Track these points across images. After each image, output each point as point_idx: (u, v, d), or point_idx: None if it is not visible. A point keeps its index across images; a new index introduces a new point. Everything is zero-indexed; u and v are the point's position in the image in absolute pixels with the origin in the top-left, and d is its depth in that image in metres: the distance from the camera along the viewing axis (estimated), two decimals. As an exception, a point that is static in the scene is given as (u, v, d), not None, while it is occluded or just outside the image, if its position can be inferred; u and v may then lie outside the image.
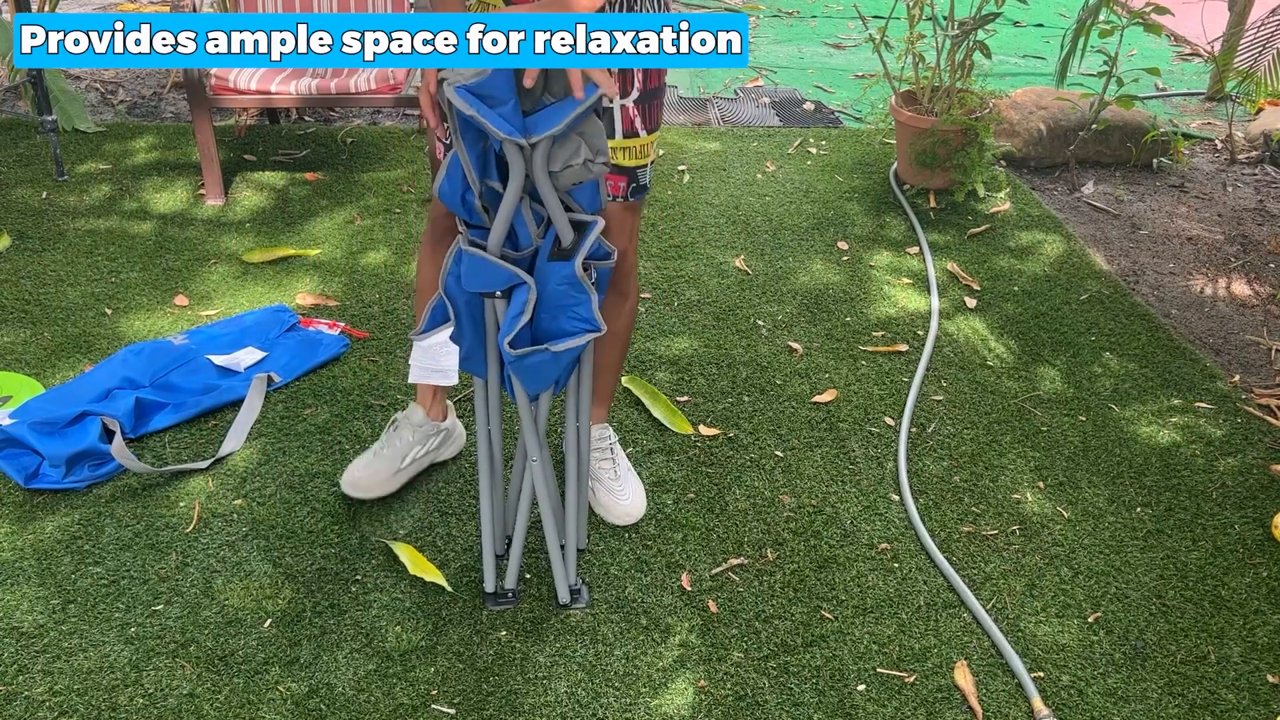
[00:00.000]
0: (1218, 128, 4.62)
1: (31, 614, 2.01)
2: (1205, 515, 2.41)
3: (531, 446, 1.92)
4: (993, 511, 2.38)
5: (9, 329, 2.83)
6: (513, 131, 1.60)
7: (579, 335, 1.77)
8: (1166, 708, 1.95)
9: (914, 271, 3.35)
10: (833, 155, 4.18)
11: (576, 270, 1.72)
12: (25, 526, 2.20)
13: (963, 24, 3.65)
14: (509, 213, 1.68)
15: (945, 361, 2.90)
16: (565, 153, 1.65)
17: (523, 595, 2.10)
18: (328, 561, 2.16)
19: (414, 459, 2.31)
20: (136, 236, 3.32)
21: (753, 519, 2.33)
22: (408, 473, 2.32)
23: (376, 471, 2.28)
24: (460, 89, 1.59)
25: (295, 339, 2.77)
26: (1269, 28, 3.92)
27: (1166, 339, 3.06)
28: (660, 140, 4.24)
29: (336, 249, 3.30)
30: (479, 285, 1.74)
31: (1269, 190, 4.11)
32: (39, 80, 3.49)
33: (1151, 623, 2.13)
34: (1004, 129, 4.16)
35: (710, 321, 3.02)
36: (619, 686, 1.93)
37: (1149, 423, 2.70)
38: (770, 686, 1.95)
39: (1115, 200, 3.95)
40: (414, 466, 2.33)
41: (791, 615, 2.10)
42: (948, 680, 1.98)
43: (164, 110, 4.33)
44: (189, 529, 2.22)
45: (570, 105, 1.62)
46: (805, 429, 2.61)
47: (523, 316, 1.72)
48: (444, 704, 1.88)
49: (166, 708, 1.85)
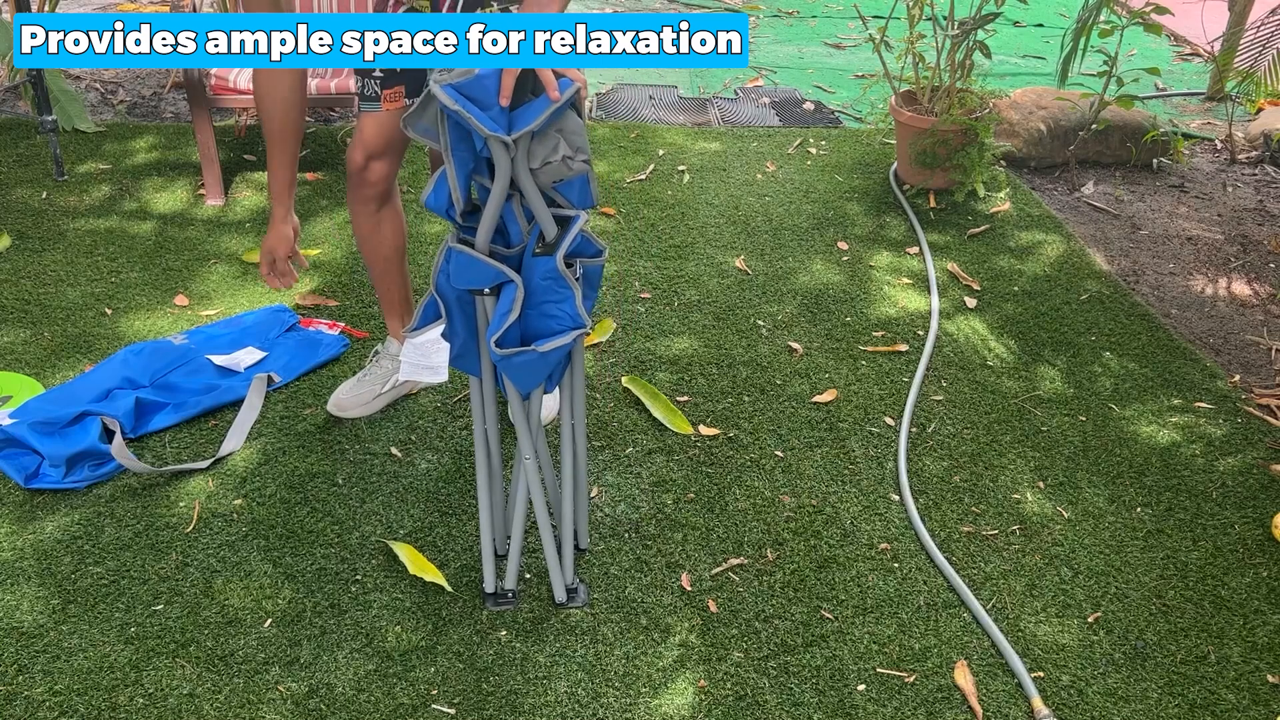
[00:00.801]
0: (1218, 128, 4.62)
1: (31, 614, 2.01)
2: (1205, 515, 2.41)
3: (525, 445, 1.92)
4: (993, 511, 2.38)
5: (9, 329, 2.83)
6: (497, 129, 1.61)
7: (565, 334, 1.78)
8: (1166, 708, 1.95)
9: (914, 271, 3.36)
10: (833, 155, 4.18)
11: (559, 265, 1.72)
12: (25, 526, 2.20)
13: (963, 24, 3.65)
14: (495, 210, 1.70)
15: (945, 361, 2.90)
16: (544, 149, 1.67)
17: (522, 595, 2.10)
18: (328, 561, 2.16)
19: (394, 385, 2.57)
20: (136, 236, 3.32)
21: (753, 519, 2.33)
22: (387, 397, 2.57)
23: (359, 395, 2.54)
24: (448, 88, 1.60)
25: (295, 339, 2.78)
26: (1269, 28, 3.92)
27: (1166, 339, 3.06)
28: (661, 140, 4.24)
29: (336, 249, 3.30)
30: (467, 282, 1.75)
31: (1269, 190, 4.11)
32: (39, 80, 3.49)
33: (1151, 623, 2.13)
34: (1004, 129, 4.16)
35: (710, 321, 3.02)
36: (619, 686, 1.93)
37: (1149, 423, 2.70)
38: (770, 686, 1.95)
39: (1115, 200, 3.95)
40: (394, 392, 2.58)
41: (791, 615, 2.10)
42: (948, 680, 1.98)
43: (164, 110, 4.33)
44: (189, 529, 2.22)
45: (547, 100, 1.63)
46: (805, 429, 2.61)
47: (511, 314, 1.73)
48: (444, 704, 1.88)
49: (166, 708, 1.85)
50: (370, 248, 2.45)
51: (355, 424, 2.54)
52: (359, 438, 2.50)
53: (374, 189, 2.34)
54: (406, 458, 2.45)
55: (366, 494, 2.34)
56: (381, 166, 2.31)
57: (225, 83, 3.39)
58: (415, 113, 1.69)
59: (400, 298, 2.55)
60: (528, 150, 1.66)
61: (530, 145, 1.66)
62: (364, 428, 2.53)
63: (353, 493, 2.34)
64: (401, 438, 2.50)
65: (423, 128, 1.70)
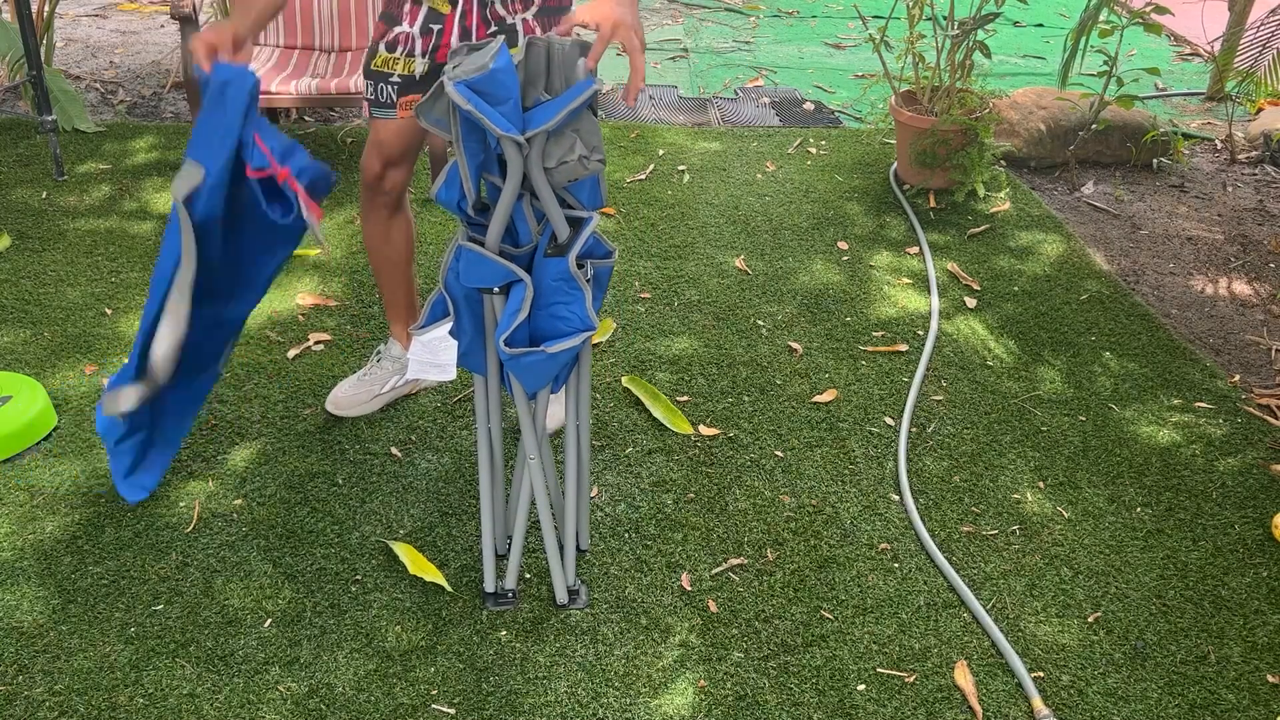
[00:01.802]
0: (1218, 128, 4.62)
1: (31, 614, 2.01)
2: (1205, 515, 2.41)
3: (530, 445, 1.92)
4: (993, 511, 2.38)
5: (9, 329, 2.83)
6: (510, 128, 1.60)
7: (573, 335, 1.77)
8: (1166, 708, 1.95)
9: (914, 271, 3.36)
10: (833, 155, 4.18)
11: (570, 266, 1.72)
12: (25, 526, 2.20)
13: (963, 24, 3.65)
14: (506, 209, 1.69)
15: (945, 361, 2.90)
16: (560, 149, 1.66)
17: (523, 595, 2.10)
18: (328, 561, 2.16)
19: (393, 387, 2.58)
20: (136, 236, 3.32)
21: (753, 519, 2.33)
22: (385, 398, 2.58)
23: (358, 395, 2.54)
24: (460, 84, 1.58)
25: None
26: (1269, 28, 3.92)
27: (1166, 339, 3.06)
28: (661, 140, 4.24)
29: (336, 249, 3.30)
30: (476, 281, 1.75)
31: (1269, 190, 4.11)
32: (39, 80, 3.49)
33: (1151, 623, 2.13)
34: (1004, 129, 4.16)
35: (710, 321, 3.02)
36: (619, 686, 1.93)
37: (1149, 423, 2.70)
38: (770, 686, 1.95)
39: (1115, 200, 3.95)
40: (392, 394, 2.59)
41: (791, 615, 2.10)
42: (948, 680, 1.98)
43: (164, 110, 4.32)
44: (189, 529, 2.22)
45: (564, 100, 1.63)
46: (805, 429, 2.61)
47: (520, 314, 1.72)
48: (444, 704, 1.88)
49: (166, 708, 1.85)
50: (380, 255, 2.44)
51: (355, 424, 2.54)
52: (359, 438, 2.50)
53: (389, 196, 2.34)
54: (406, 458, 2.45)
55: (366, 494, 2.34)
56: (398, 174, 2.31)
57: (225, 83, 3.38)
58: (427, 103, 1.68)
59: (406, 302, 2.55)
60: (542, 149, 1.65)
61: (546, 144, 1.66)
62: (364, 428, 2.53)
63: (353, 493, 2.34)
64: (401, 438, 2.50)
65: (434, 119, 1.70)
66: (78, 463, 2.39)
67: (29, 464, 2.38)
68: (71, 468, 2.37)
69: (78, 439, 2.46)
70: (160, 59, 4.82)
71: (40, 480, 2.33)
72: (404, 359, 2.57)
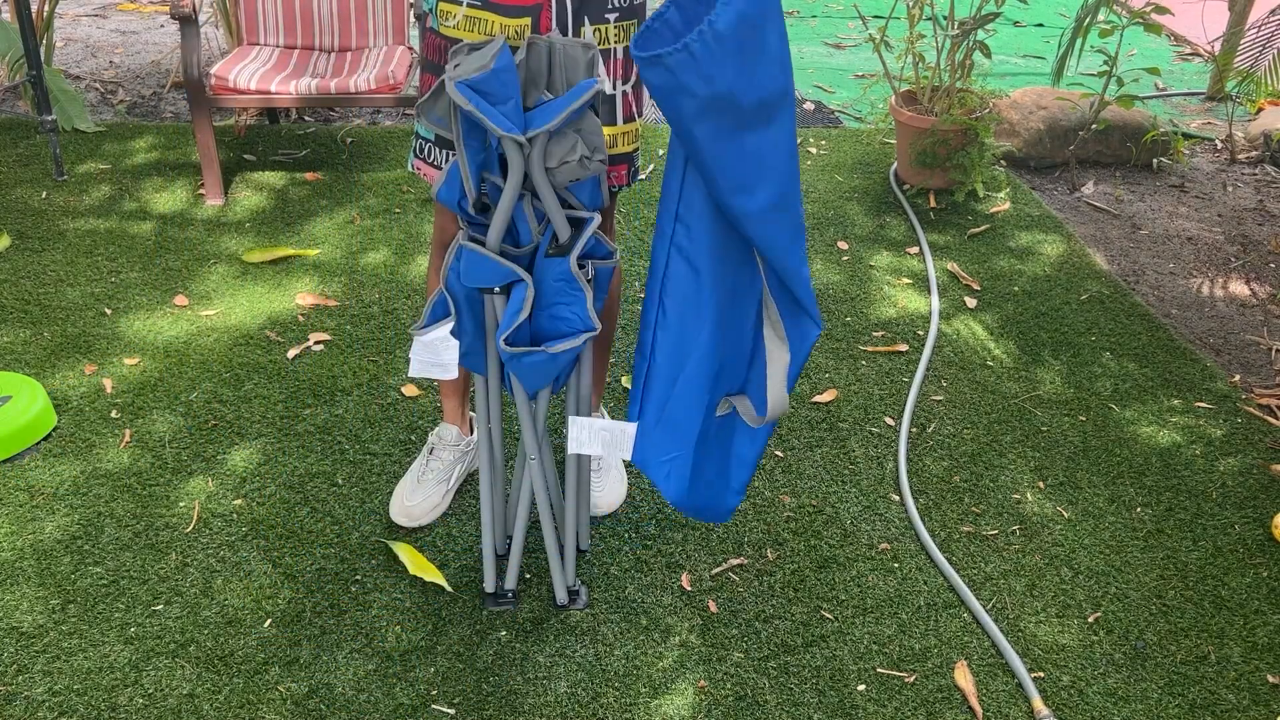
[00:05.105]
0: (1218, 128, 4.62)
1: (31, 614, 2.01)
2: (1205, 515, 2.41)
3: (530, 445, 1.92)
4: (993, 511, 2.38)
5: (9, 329, 2.83)
6: (511, 128, 1.60)
7: (575, 336, 1.77)
8: (1166, 708, 1.95)
9: (914, 271, 3.35)
10: (833, 155, 4.18)
11: (571, 267, 1.72)
12: (25, 526, 2.21)
13: (963, 24, 3.65)
14: (508, 209, 1.69)
15: (945, 361, 2.90)
16: (562, 149, 1.66)
17: (523, 595, 2.10)
18: (328, 561, 2.16)
19: (459, 476, 2.33)
20: (136, 236, 3.32)
21: (753, 519, 2.33)
22: (454, 487, 2.32)
23: (429, 497, 2.26)
24: (461, 84, 1.58)
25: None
26: (1269, 28, 3.92)
27: (1166, 339, 3.06)
28: (661, 140, 4.25)
29: (336, 249, 3.30)
30: (477, 280, 1.75)
31: (1269, 190, 4.11)
32: (39, 80, 3.49)
33: (1151, 623, 2.13)
34: (1004, 129, 4.16)
35: (710, 321, 3.02)
36: (619, 686, 1.93)
37: (1149, 423, 2.70)
38: (770, 686, 1.95)
39: (1115, 200, 3.95)
40: (457, 482, 2.33)
41: (791, 615, 2.10)
42: (948, 680, 1.98)
43: (164, 110, 4.33)
44: (189, 529, 2.22)
45: (567, 101, 1.62)
46: (805, 429, 2.61)
47: (521, 314, 1.73)
48: (444, 704, 1.88)
49: (166, 708, 1.85)
50: None
51: (355, 424, 2.54)
52: (359, 438, 2.50)
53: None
54: (407, 458, 2.44)
55: (366, 494, 2.34)
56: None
57: (225, 83, 3.38)
58: (428, 102, 1.68)
59: (461, 388, 2.30)
60: (544, 150, 1.65)
61: (547, 145, 1.65)
62: (364, 428, 2.53)
63: (353, 493, 2.34)
64: (401, 438, 2.50)
65: (435, 117, 1.70)
66: (77, 463, 2.39)
67: (29, 464, 2.38)
68: (71, 468, 2.37)
69: (77, 439, 2.46)
70: (160, 59, 4.82)
71: (40, 480, 2.33)
72: (462, 444, 2.31)
